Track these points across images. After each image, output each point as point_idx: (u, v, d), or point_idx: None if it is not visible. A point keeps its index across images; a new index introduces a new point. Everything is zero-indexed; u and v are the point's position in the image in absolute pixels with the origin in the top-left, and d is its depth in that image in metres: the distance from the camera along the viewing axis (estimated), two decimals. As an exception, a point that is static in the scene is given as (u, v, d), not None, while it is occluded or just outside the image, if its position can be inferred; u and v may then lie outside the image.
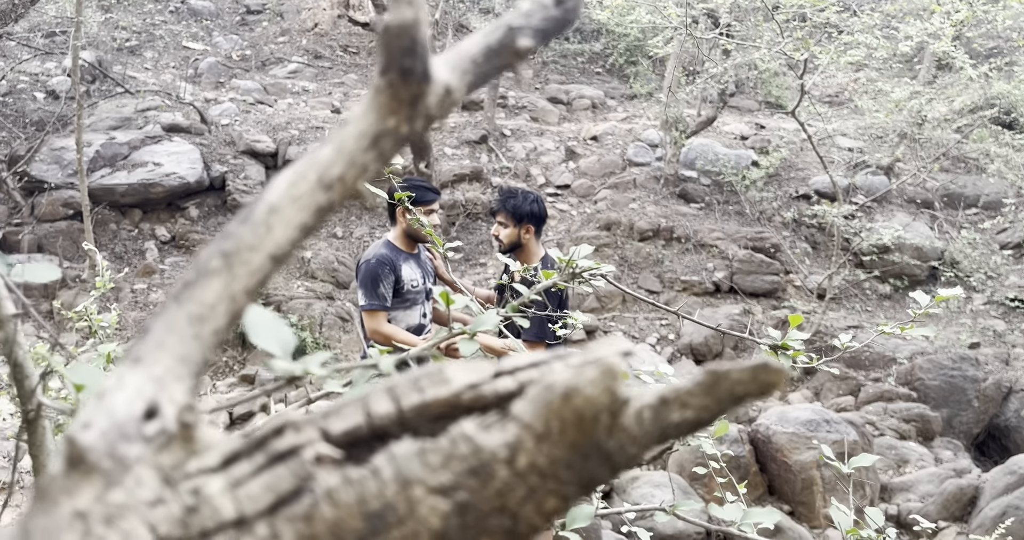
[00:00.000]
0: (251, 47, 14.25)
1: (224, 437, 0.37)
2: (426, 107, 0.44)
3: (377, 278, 3.64)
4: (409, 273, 3.74)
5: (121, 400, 0.36)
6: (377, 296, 3.64)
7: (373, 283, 3.64)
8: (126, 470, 0.35)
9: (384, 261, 3.67)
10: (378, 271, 3.65)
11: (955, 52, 8.33)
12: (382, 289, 3.65)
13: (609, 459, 0.39)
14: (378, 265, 3.66)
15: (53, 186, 9.55)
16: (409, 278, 3.74)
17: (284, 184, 0.42)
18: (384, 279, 3.65)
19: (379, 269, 3.65)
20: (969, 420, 8.05)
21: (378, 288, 3.64)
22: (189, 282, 0.40)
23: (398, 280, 3.70)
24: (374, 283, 3.64)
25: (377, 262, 3.67)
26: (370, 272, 3.66)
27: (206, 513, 0.34)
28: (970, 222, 11.43)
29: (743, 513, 1.19)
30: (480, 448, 0.37)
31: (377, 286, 3.64)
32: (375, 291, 3.64)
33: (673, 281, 9.97)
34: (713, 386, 0.40)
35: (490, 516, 0.37)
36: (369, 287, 3.65)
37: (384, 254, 3.71)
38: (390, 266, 3.67)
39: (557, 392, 0.38)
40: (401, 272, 3.71)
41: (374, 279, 3.64)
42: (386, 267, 3.66)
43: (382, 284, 3.65)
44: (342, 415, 0.40)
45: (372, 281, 3.64)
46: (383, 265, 3.66)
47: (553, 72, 15.01)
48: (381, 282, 3.64)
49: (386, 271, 3.66)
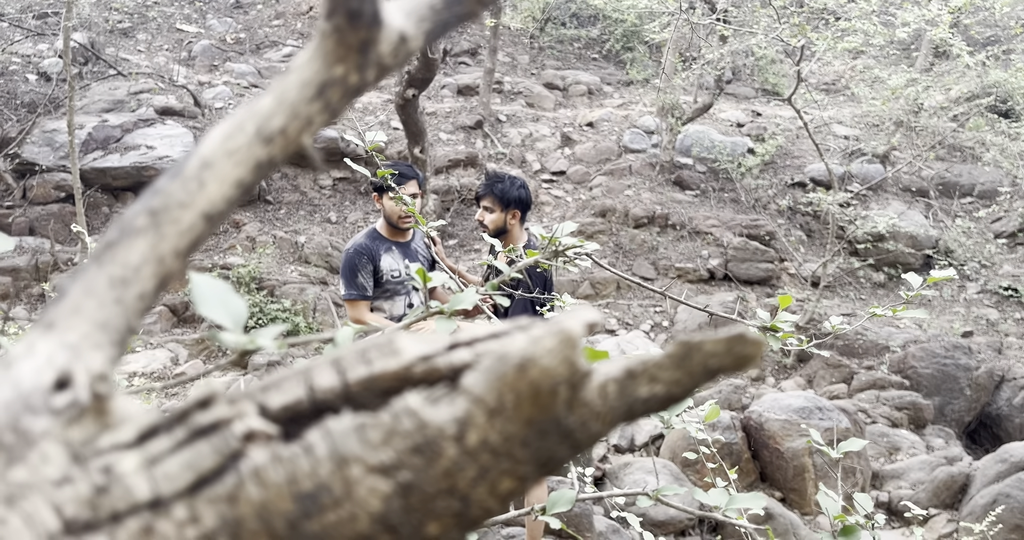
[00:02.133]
0: (245, 30, 14.13)
1: (142, 410, 0.33)
2: (378, 55, 0.40)
3: (355, 268, 3.63)
4: (390, 263, 3.71)
5: (29, 369, 0.32)
6: (356, 286, 3.63)
7: (351, 272, 3.63)
8: (30, 445, 0.31)
9: (362, 251, 3.65)
10: (355, 261, 3.64)
11: (952, 39, 8.28)
12: (360, 279, 3.63)
13: (569, 436, 0.35)
14: (355, 255, 3.65)
15: (45, 169, 9.48)
16: (389, 268, 3.70)
17: (219, 137, 0.39)
18: (362, 269, 3.64)
19: (356, 259, 3.64)
20: (961, 408, 8.05)
21: (356, 278, 3.63)
22: (111, 242, 0.36)
23: (376, 269, 3.67)
24: (352, 273, 3.63)
25: (355, 252, 3.66)
26: (348, 262, 3.66)
27: (117, 493, 0.31)
28: (965, 211, 11.41)
29: (729, 498, 1.16)
30: (425, 423, 0.34)
31: (355, 276, 3.63)
32: (353, 281, 3.63)
33: (668, 268, 9.95)
34: (685, 358, 0.36)
35: (437, 498, 0.34)
36: (348, 277, 3.64)
37: (363, 244, 3.69)
38: (368, 256, 3.65)
39: (511, 363, 0.34)
40: (380, 262, 3.68)
41: (352, 268, 3.63)
42: (363, 257, 3.64)
43: (360, 273, 3.63)
44: (282, 389, 0.37)
45: (350, 270, 3.64)
46: (360, 255, 3.65)
47: (549, 58, 14.91)
48: (359, 272, 3.63)
49: (363, 261, 3.64)
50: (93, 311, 0.35)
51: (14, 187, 9.43)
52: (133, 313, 0.36)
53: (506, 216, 3.68)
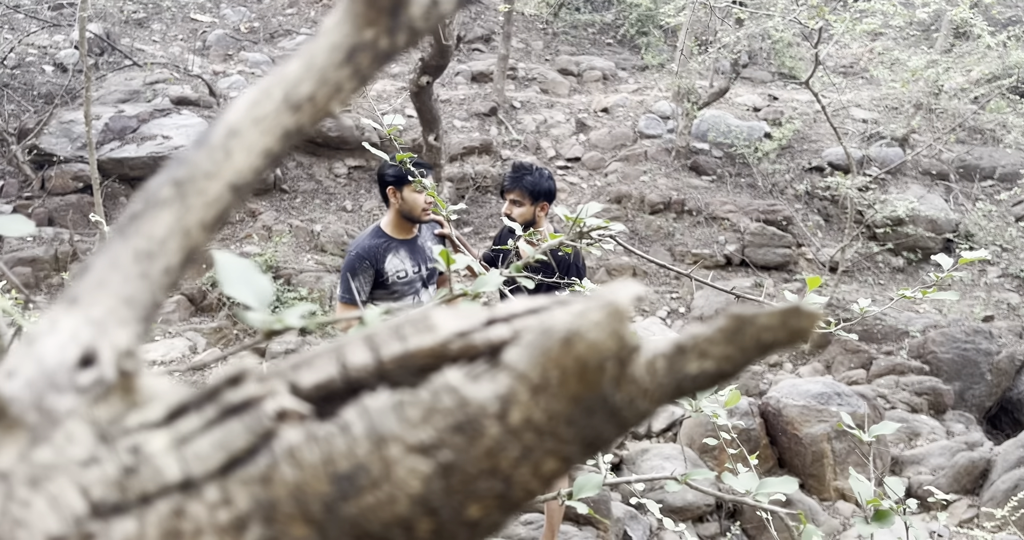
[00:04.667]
0: (259, 19, 14.11)
1: (171, 387, 0.32)
2: (409, 18, 0.38)
3: (353, 271, 3.55)
4: (396, 264, 3.62)
5: (52, 345, 0.31)
6: (349, 290, 3.55)
7: (350, 275, 3.55)
8: (55, 425, 0.30)
9: (364, 255, 3.57)
10: (355, 265, 3.55)
11: (973, 19, 8.16)
12: (356, 284, 3.55)
13: (616, 415, 0.34)
14: (356, 259, 3.56)
15: (63, 159, 9.52)
16: (395, 270, 3.61)
17: (246, 104, 0.37)
18: (362, 273, 3.55)
19: (357, 263, 3.56)
20: (981, 393, 7.98)
21: (351, 282, 3.55)
22: (136, 214, 0.35)
23: (379, 273, 3.59)
24: (351, 275, 3.55)
25: (356, 256, 3.57)
26: (348, 265, 3.57)
27: (147, 474, 0.30)
28: (986, 194, 11.27)
29: (759, 483, 1.14)
30: (467, 401, 0.32)
31: (350, 280, 3.55)
32: (348, 285, 3.55)
33: (684, 254, 9.90)
34: (737, 333, 0.35)
35: (479, 479, 0.32)
36: (345, 279, 3.56)
37: (367, 246, 3.60)
38: (370, 261, 3.57)
39: (556, 337, 0.33)
40: (384, 264, 3.59)
41: (351, 272, 3.55)
42: (365, 262, 3.56)
43: (358, 278, 3.55)
44: (313, 366, 0.35)
45: (350, 273, 3.55)
46: (362, 259, 3.56)
47: (563, 43, 14.82)
48: (358, 276, 3.55)
49: (364, 265, 3.55)
50: (118, 285, 0.33)
51: (33, 178, 9.48)
52: (159, 288, 0.34)
53: (535, 209, 3.59)
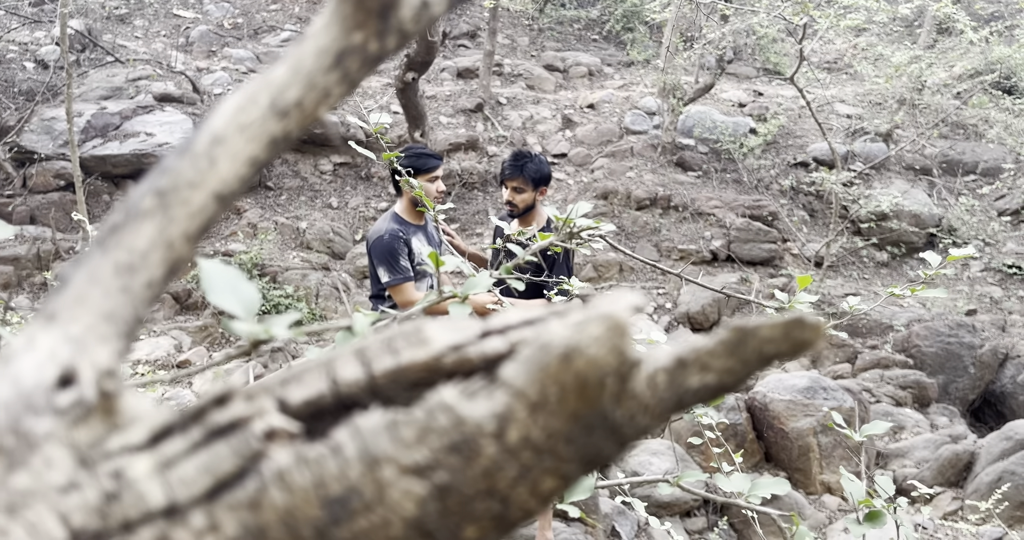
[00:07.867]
0: (243, 15, 14.01)
1: (154, 409, 0.31)
2: (399, 20, 0.37)
3: (395, 252, 3.59)
4: (418, 246, 3.70)
5: (30, 364, 0.30)
6: (400, 269, 3.59)
7: (392, 257, 3.58)
8: (33, 449, 0.28)
9: (396, 234, 3.62)
10: (393, 245, 3.60)
11: (956, 15, 8.21)
12: (403, 262, 3.60)
13: (617, 431, 0.33)
14: (392, 240, 3.60)
15: (44, 157, 9.42)
16: (418, 251, 3.69)
17: (231, 110, 0.36)
18: (401, 252, 3.61)
19: (394, 243, 3.60)
20: (965, 386, 8.04)
21: (398, 262, 3.59)
22: (117, 226, 0.33)
23: (410, 252, 3.65)
24: (393, 257, 3.58)
25: (391, 237, 3.61)
26: (386, 247, 3.60)
27: (129, 500, 0.28)
28: (968, 188, 11.35)
29: (751, 484, 1.13)
30: (462, 420, 0.31)
31: (397, 260, 3.59)
32: (396, 265, 3.58)
33: (670, 250, 9.91)
34: (739, 345, 0.34)
35: (475, 500, 0.31)
36: (389, 262, 3.59)
37: (395, 228, 3.65)
38: (404, 240, 3.63)
39: (555, 352, 0.32)
40: (412, 245, 3.67)
41: (392, 253, 3.59)
42: (400, 240, 3.62)
43: (401, 257, 3.60)
44: (303, 382, 0.34)
45: (391, 255, 3.59)
46: (398, 239, 3.61)
47: (549, 39, 14.80)
48: (400, 255, 3.60)
49: (400, 244, 3.61)
50: (98, 301, 0.32)
51: (14, 176, 9.38)
52: (141, 302, 0.33)
53: (536, 194, 3.67)
